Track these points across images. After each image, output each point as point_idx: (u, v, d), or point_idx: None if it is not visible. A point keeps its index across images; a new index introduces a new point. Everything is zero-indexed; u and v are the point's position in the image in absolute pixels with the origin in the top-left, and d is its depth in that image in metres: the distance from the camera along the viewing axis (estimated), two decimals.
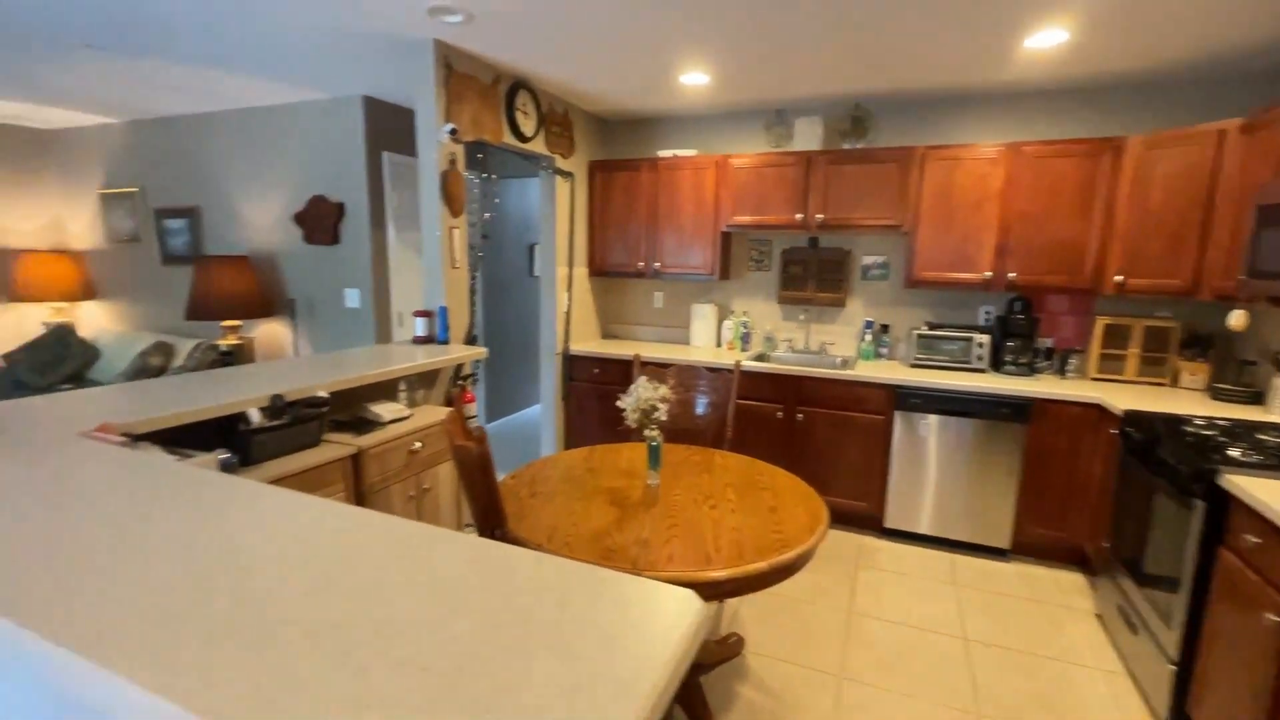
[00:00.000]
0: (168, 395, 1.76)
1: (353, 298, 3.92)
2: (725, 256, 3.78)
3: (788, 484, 1.96)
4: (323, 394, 1.98)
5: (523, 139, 3.30)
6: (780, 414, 3.34)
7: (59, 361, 4.40)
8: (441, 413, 2.50)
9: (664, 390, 1.86)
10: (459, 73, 2.85)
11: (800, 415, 3.31)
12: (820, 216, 3.41)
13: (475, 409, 3.02)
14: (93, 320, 5.07)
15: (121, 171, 4.69)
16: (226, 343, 3.92)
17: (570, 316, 3.94)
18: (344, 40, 2.74)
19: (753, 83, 3.23)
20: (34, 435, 1.36)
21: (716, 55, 2.81)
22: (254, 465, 1.78)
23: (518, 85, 3.22)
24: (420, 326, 2.88)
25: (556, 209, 3.72)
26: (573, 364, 3.90)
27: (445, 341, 2.89)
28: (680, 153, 3.72)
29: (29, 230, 4.96)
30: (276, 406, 1.81)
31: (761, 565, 1.46)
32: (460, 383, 2.89)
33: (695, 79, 3.17)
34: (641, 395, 1.83)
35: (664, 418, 1.85)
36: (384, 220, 3.89)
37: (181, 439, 1.64)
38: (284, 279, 4.12)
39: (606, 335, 4.46)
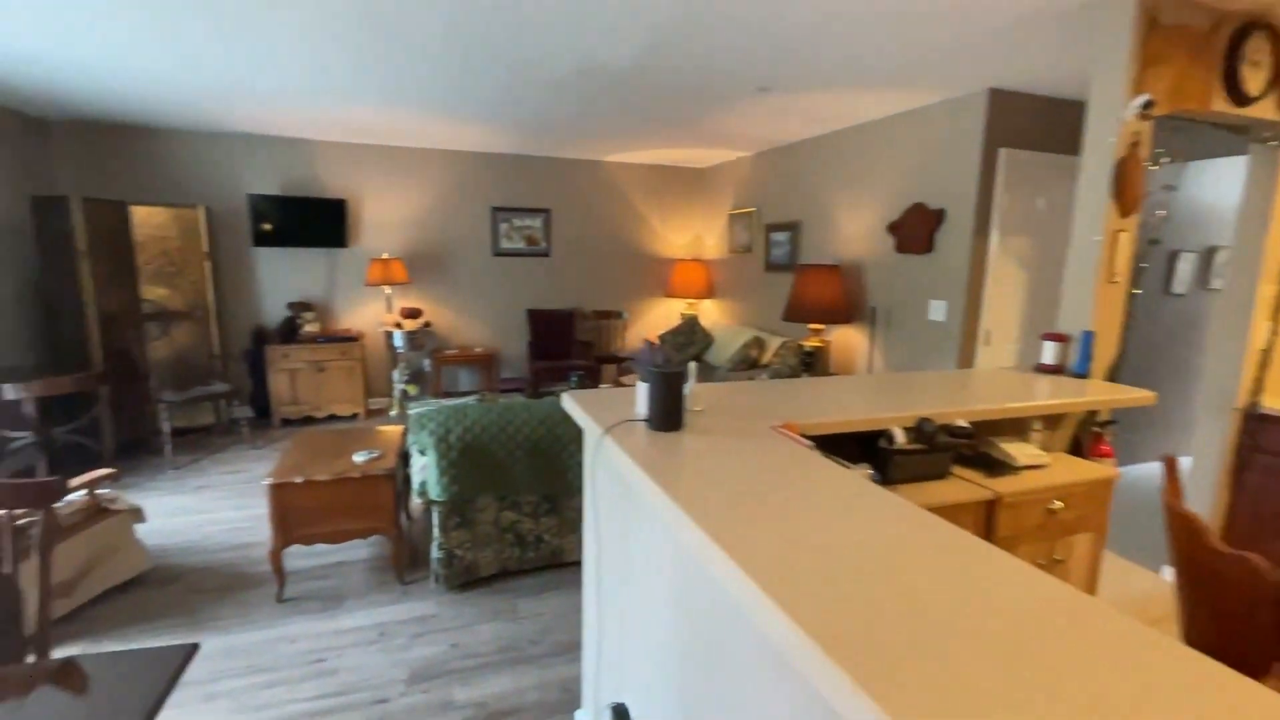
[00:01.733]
0: (826, 399, 1.83)
1: (937, 310, 3.67)
2: None
3: None
4: (963, 423, 1.75)
5: (1243, 101, 2.32)
6: None
7: (689, 344, 5.73)
8: (1082, 466, 1.95)
9: None
10: (1164, 25, 2.15)
11: None
12: None
13: (1113, 465, 2.32)
14: (709, 314, 6.44)
15: (745, 195, 5.71)
16: (810, 344, 4.27)
17: (1270, 358, 2.67)
18: (982, 29, 2.43)
19: None
20: (739, 423, 1.54)
21: None
22: (888, 485, 1.69)
23: (1248, 27, 2.27)
24: (1049, 353, 2.37)
25: (1278, 199, 2.53)
26: (1262, 427, 2.64)
27: (1083, 375, 2.29)
28: None
29: (680, 243, 6.63)
30: (924, 430, 1.66)
31: None
32: (1097, 429, 2.25)
33: None
34: None
35: None
36: (988, 226, 3.47)
37: (823, 443, 1.66)
38: (867, 287, 4.21)
39: None
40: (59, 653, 2.31)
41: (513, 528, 2.79)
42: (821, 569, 0.84)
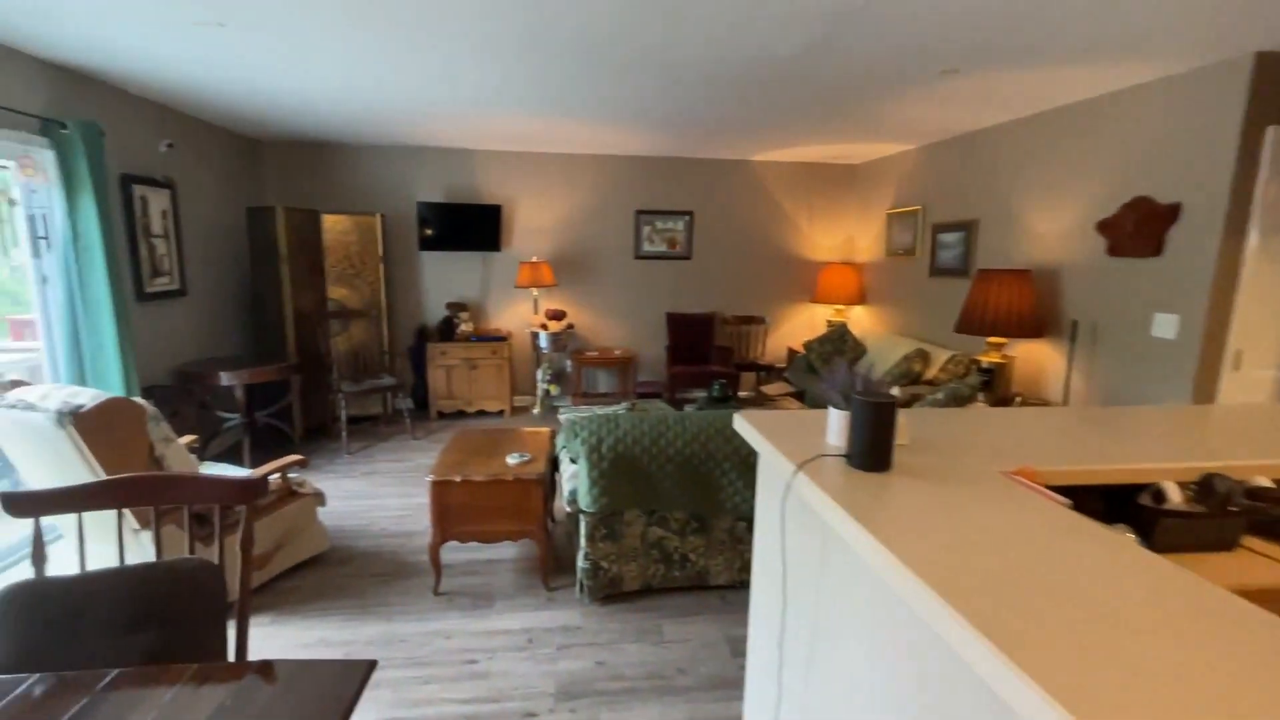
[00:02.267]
0: (1061, 437, 1.50)
1: (1165, 325, 3.04)
2: None
3: None
4: (1266, 481, 1.34)
5: None
6: None
7: (838, 354, 5.33)
8: None
9: None
10: None
11: None
12: None
13: None
14: (858, 322, 5.97)
15: (907, 192, 5.21)
16: (989, 359, 3.76)
17: None
18: None
19: None
20: (957, 465, 1.28)
21: None
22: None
23: None
24: None
25: None
26: None
27: None
28: None
29: (828, 246, 6.21)
30: (1214, 490, 1.29)
31: None
32: None
33: None
34: None
35: None
36: (1244, 223, 2.80)
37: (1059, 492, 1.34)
38: (1065, 296, 3.62)
39: None
40: (255, 622, 2.54)
41: (659, 544, 2.67)
42: (1148, 693, 0.59)
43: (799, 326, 6.29)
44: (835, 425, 1.33)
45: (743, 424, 1.60)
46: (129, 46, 2.87)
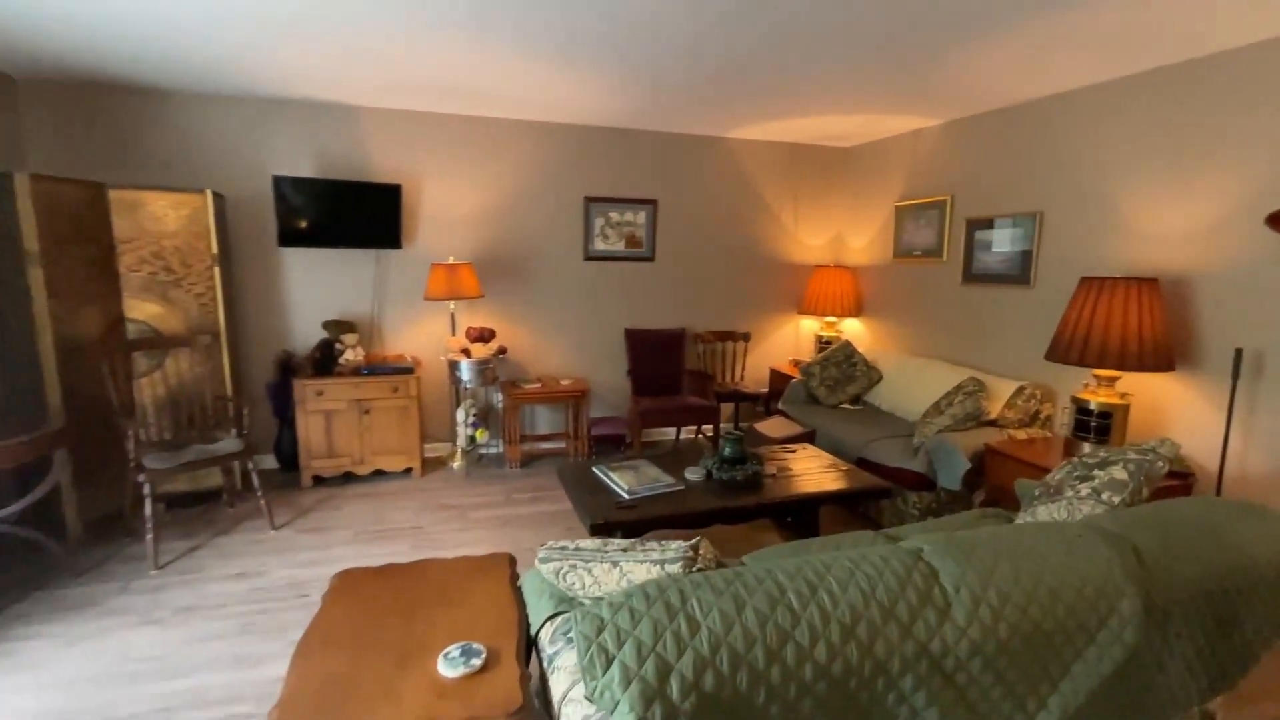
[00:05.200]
0: None
1: None
2: None
3: None
4: None
5: None
6: None
7: (845, 381, 4.27)
8: None
9: None
10: None
11: None
12: None
13: None
14: (856, 338, 4.96)
15: (925, 181, 4.23)
16: (1097, 399, 2.78)
17: None
18: None
19: None
20: None
21: None
22: None
23: None
24: None
25: None
26: None
27: None
28: None
29: (815, 245, 5.17)
30: None
31: None
32: None
33: None
34: None
35: None
36: None
37: None
38: (1204, 315, 2.69)
39: None
40: None
41: None
42: None
43: (780, 343, 5.20)
44: None
45: None
46: None
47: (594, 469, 2.87)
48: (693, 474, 2.83)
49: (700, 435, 4.93)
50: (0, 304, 2.87)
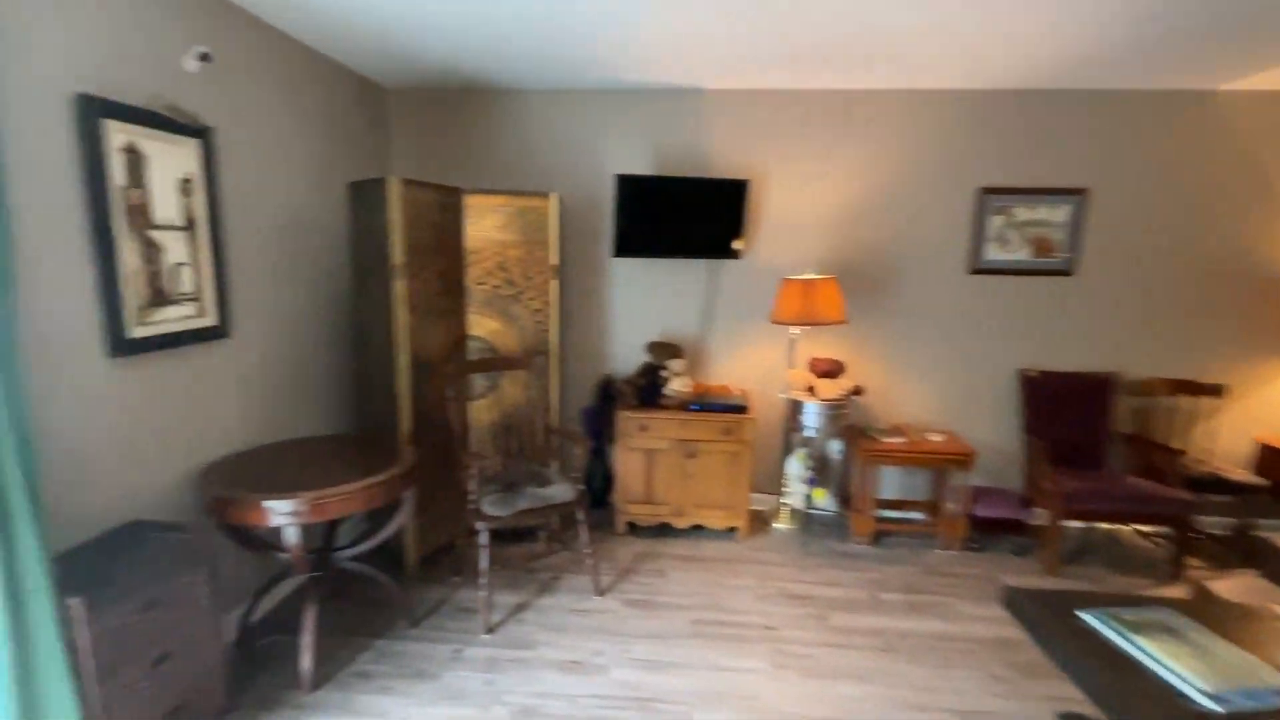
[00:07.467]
0: None
1: None
2: None
3: None
4: None
5: None
6: None
7: None
8: None
9: None
10: None
11: None
12: None
13: None
14: None
15: None
16: None
17: None
18: None
19: None
20: None
21: None
22: None
23: None
24: None
25: None
26: None
27: None
28: None
29: None
30: None
31: None
32: None
33: None
34: None
35: None
36: None
37: None
38: None
39: None
40: None
41: None
42: None
43: (1274, 403, 3.38)
44: None
45: None
46: None
47: (1086, 617, 1.69)
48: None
49: (1153, 540, 3.38)
50: (369, 318, 2.73)
